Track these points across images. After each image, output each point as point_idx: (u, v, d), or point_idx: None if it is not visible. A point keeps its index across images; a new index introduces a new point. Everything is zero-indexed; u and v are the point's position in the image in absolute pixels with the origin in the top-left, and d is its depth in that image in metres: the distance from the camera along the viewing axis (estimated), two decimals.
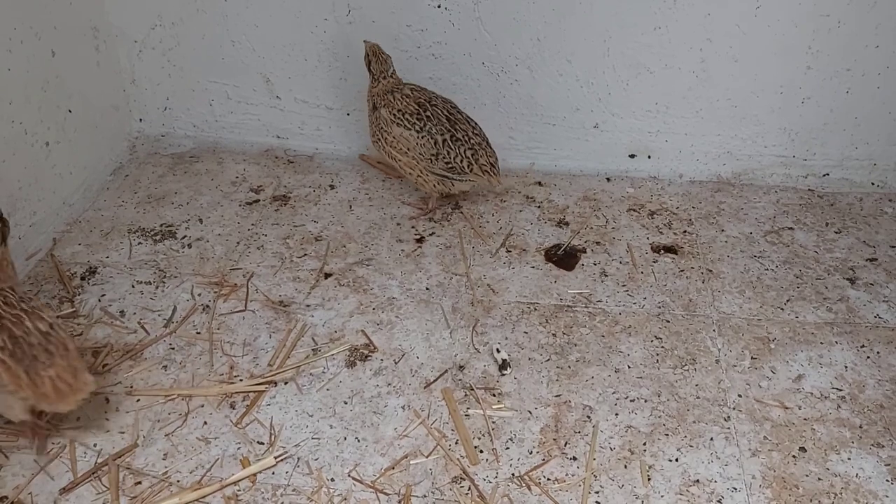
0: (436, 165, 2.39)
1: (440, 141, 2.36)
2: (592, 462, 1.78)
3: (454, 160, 2.38)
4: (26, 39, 2.28)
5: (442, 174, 2.42)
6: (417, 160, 2.40)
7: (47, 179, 2.42)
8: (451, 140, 2.37)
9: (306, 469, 1.76)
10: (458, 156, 2.38)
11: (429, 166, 2.39)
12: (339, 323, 2.16)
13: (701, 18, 2.48)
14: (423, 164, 2.39)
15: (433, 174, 2.42)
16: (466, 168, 2.40)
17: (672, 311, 2.21)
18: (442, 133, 2.37)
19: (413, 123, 2.37)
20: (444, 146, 2.36)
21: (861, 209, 2.63)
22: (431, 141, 2.37)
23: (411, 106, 2.39)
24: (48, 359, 1.66)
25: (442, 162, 2.38)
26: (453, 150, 2.37)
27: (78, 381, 1.69)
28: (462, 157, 2.39)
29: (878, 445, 1.83)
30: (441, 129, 2.37)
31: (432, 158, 2.38)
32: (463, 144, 2.38)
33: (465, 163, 2.40)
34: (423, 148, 2.37)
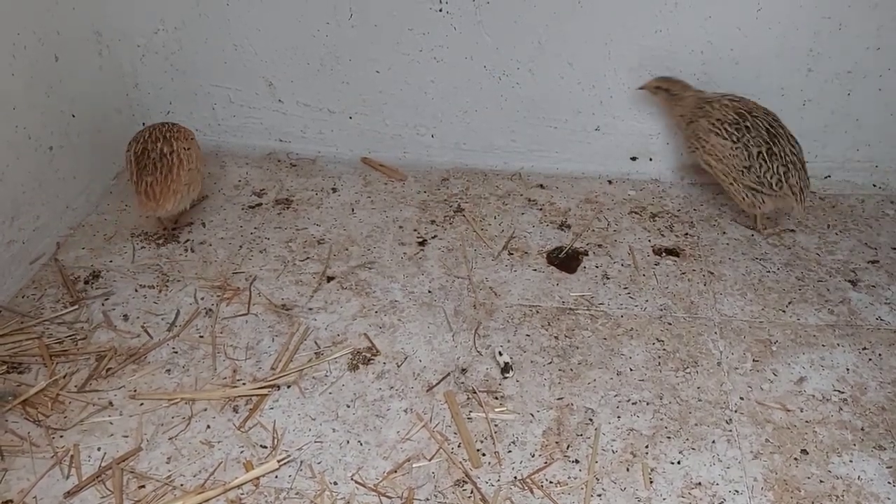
0: (745, 178, 2.36)
1: (755, 154, 2.33)
2: (594, 465, 1.78)
3: (764, 175, 2.33)
4: (29, 44, 2.28)
5: (750, 186, 2.38)
6: (730, 169, 2.38)
7: (51, 184, 2.43)
8: (768, 153, 2.33)
9: (309, 472, 1.77)
10: (770, 171, 2.33)
11: (739, 177, 2.37)
12: (342, 326, 2.16)
13: (702, 21, 2.48)
14: (734, 174, 2.38)
15: (743, 186, 2.39)
16: (775, 186, 2.34)
17: (674, 314, 2.21)
18: (759, 146, 2.33)
19: (730, 134, 2.36)
20: (758, 159, 2.33)
21: (863, 211, 2.63)
22: (745, 154, 2.34)
23: (730, 115, 2.38)
24: (153, 170, 2.25)
25: (751, 176, 2.35)
26: (766, 165, 2.33)
27: (162, 195, 2.26)
28: (773, 172, 2.33)
29: (879, 448, 1.83)
30: (758, 143, 2.33)
31: (745, 171, 2.35)
32: (778, 160, 2.33)
33: (775, 180, 2.34)
34: (735, 159, 2.36)
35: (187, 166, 2.33)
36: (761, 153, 2.32)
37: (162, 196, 2.27)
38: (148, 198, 2.27)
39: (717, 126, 2.39)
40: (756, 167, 2.33)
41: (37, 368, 2.01)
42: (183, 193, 2.33)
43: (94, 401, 1.92)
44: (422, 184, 2.77)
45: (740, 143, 2.34)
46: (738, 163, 2.35)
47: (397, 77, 2.71)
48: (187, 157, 2.34)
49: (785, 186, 2.34)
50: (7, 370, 2.00)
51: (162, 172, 2.28)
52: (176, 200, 2.31)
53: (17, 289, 2.26)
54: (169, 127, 2.38)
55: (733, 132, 2.35)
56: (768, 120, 2.37)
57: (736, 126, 2.36)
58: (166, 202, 2.28)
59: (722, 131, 2.38)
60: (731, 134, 2.36)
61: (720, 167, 2.42)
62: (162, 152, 2.30)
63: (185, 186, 2.33)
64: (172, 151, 2.31)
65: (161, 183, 2.27)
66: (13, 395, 1.92)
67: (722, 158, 2.39)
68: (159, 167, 2.28)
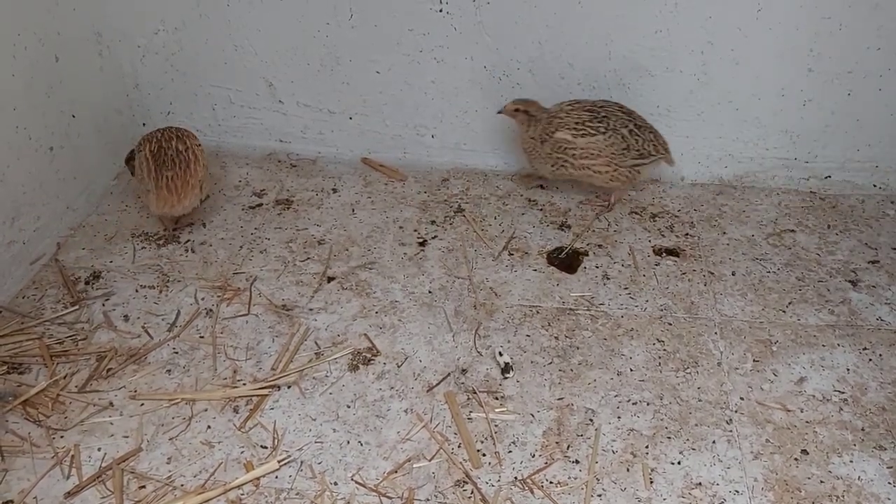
0: (627, 159, 2.47)
1: (627, 133, 2.45)
2: (595, 465, 1.78)
3: (644, 146, 2.47)
4: (30, 45, 2.29)
5: (633, 164, 2.49)
6: (611, 158, 2.46)
7: (51, 184, 2.43)
8: (636, 128, 2.47)
9: (309, 473, 1.77)
10: (646, 141, 2.48)
11: (621, 161, 2.46)
12: (342, 327, 2.16)
13: (702, 21, 2.48)
14: (617, 160, 2.46)
15: (626, 168, 2.48)
16: (654, 151, 2.50)
17: (674, 314, 2.21)
18: (625, 125, 2.45)
19: (595, 127, 2.44)
20: (632, 136, 2.45)
21: (863, 211, 2.63)
22: (619, 136, 2.44)
23: (584, 115, 2.45)
24: (173, 166, 2.32)
25: (633, 152, 2.46)
26: (641, 136, 2.47)
27: (182, 189, 2.33)
28: (648, 140, 2.48)
29: (880, 448, 1.83)
30: (623, 122, 2.46)
31: (624, 152, 2.45)
32: (645, 129, 2.49)
33: (651, 146, 2.49)
34: (613, 146, 2.44)
35: (202, 162, 2.41)
36: (631, 130, 2.45)
37: (183, 190, 2.35)
38: (169, 192, 2.33)
39: (579, 129, 2.44)
40: (633, 143, 2.45)
41: (37, 369, 2.01)
42: (198, 190, 2.39)
43: (94, 401, 1.92)
44: (422, 184, 2.77)
45: (609, 130, 2.43)
46: (616, 149, 2.44)
47: (398, 77, 2.71)
48: (201, 153, 2.42)
49: (660, 148, 2.52)
50: (7, 370, 2.00)
51: (181, 168, 2.35)
52: (194, 196, 2.38)
53: (18, 289, 2.26)
54: (177, 128, 2.45)
55: (598, 125, 2.44)
56: (613, 103, 2.50)
57: (596, 120, 2.44)
58: (186, 197, 2.36)
59: (587, 130, 2.44)
60: (596, 128, 2.44)
61: (600, 163, 2.46)
62: (178, 150, 2.37)
63: (200, 183, 2.39)
64: (188, 148, 2.38)
65: (181, 178, 2.34)
66: (14, 396, 1.92)
67: (599, 154, 2.45)
68: (177, 163, 2.35)
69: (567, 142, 2.45)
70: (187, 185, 2.35)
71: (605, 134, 2.43)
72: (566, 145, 2.46)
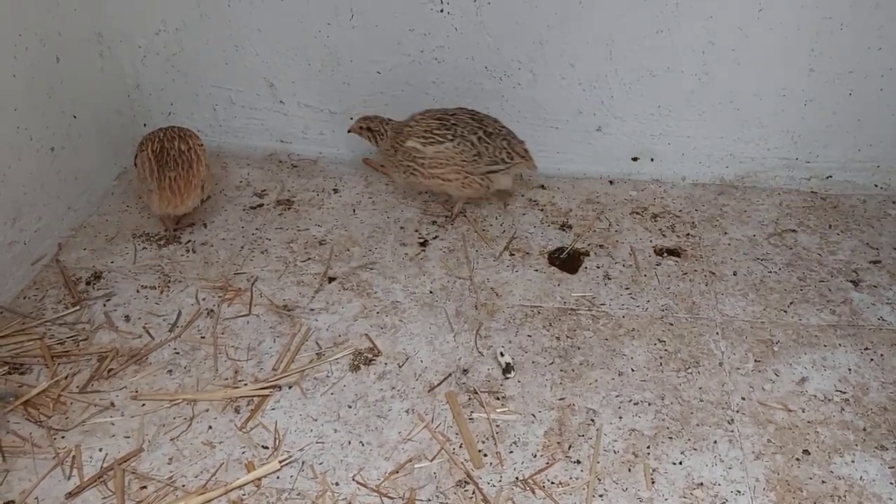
0: (479, 166, 2.44)
1: (476, 140, 2.42)
2: (596, 465, 1.78)
3: (494, 154, 2.44)
4: (31, 46, 2.29)
5: (486, 171, 2.46)
6: (461, 166, 2.43)
7: (52, 185, 2.43)
8: (486, 135, 2.44)
9: (311, 473, 1.77)
10: (497, 148, 2.44)
11: (473, 169, 2.44)
12: (343, 327, 2.16)
13: (703, 21, 2.48)
14: (468, 167, 2.44)
15: (478, 175, 2.46)
16: (507, 158, 2.47)
17: (675, 314, 2.21)
18: (474, 132, 2.43)
19: (443, 135, 2.42)
20: (481, 144, 2.42)
21: (864, 211, 2.63)
22: (468, 143, 2.42)
23: (432, 123, 2.44)
24: (175, 166, 2.33)
25: (485, 159, 2.43)
26: (491, 144, 2.43)
27: (185, 189, 2.33)
28: (500, 148, 2.45)
29: (882, 448, 1.83)
30: (472, 129, 2.43)
31: (475, 160, 2.42)
32: (497, 136, 2.46)
33: (505, 154, 2.46)
34: (463, 154, 2.41)
35: (204, 162, 2.42)
36: (480, 138, 2.43)
37: (186, 190, 2.35)
38: (172, 192, 2.34)
39: (428, 137, 2.43)
40: (483, 150, 2.43)
41: (38, 369, 2.01)
42: (200, 190, 2.40)
43: (95, 401, 1.92)
44: None
45: (457, 137, 2.42)
46: (466, 157, 2.42)
47: (398, 78, 2.71)
48: (203, 153, 2.43)
49: (515, 156, 2.48)
50: (9, 371, 2.00)
51: (183, 168, 2.35)
52: (196, 196, 2.39)
53: (19, 290, 2.26)
54: (179, 128, 2.46)
55: (446, 133, 2.42)
56: (465, 111, 2.49)
57: (444, 128, 2.43)
58: (188, 197, 2.37)
59: (435, 138, 2.42)
60: (444, 136, 2.42)
61: (450, 170, 2.44)
62: (180, 150, 2.37)
63: (202, 183, 2.40)
64: (190, 148, 2.39)
65: (184, 178, 2.35)
66: (15, 396, 1.92)
67: (448, 161, 2.43)
68: (180, 163, 2.36)
69: (416, 150, 2.43)
70: (189, 185, 2.36)
71: (454, 141, 2.41)
72: (416, 154, 2.44)
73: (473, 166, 2.43)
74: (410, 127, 2.46)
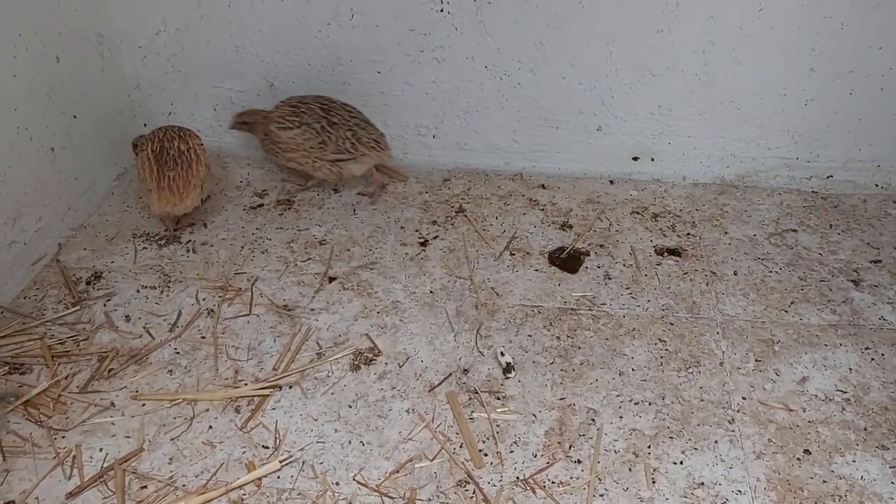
0: (326, 153, 2.56)
1: (319, 129, 2.54)
2: (597, 465, 1.78)
3: (338, 144, 2.55)
4: (31, 46, 2.29)
5: (334, 159, 2.58)
6: (309, 152, 2.57)
7: (52, 185, 2.43)
8: (329, 125, 2.55)
9: (311, 473, 1.77)
10: (340, 138, 2.55)
11: (321, 155, 2.57)
12: (344, 327, 2.16)
13: (704, 21, 2.48)
14: (316, 153, 2.57)
15: (327, 162, 2.58)
16: (351, 148, 2.56)
17: (676, 314, 2.21)
18: (318, 121, 2.55)
19: (292, 121, 2.55)
20: (324, 133, 2.54)
21: (865, 211, 2.63)
22: (313, 131, 2.54)
23: (286, 110, 2.58)
24: (175, 166, 2.34)
25: (331, 147, 2.55)
26: (334, 134, 2.55)
27: (184, 189, 2.34)
28: (344, 138, 2.55)
29: (882, 448, 1.83)
30: (317, 118, 2.55)
31: (321, 146, 2.55)
32: (342, 127, 2.56)
33: (349, 144, 2.56)
34: (309, 141, 2.55)
35: (204, 162, 2.42)
36: (323, 127, 2.54)
37: (185, 190, 2.36)
38: (171, 192, 2.35)
39: (280, 122, 2.57)
40: (327, 139, 2.54)
41: (39, 369, 2.01)
42: (200, 189, 2.41)
43: (95, 401, 1.92)
44: (423, 184, 2.77)
45: (303, 125, 2.55)
46: (312, 143, 2.55)
47: (399, 78, 2.71)
48: (203, 153, 2.44)
49: (360, 147, 2.58)
50: (9, 371, 2.00)
51: (183, 168, 2.36)
52: (196, 195, 2.40)
53: (19, 290, 2.26)
54: (179, 127, 2.47)
55: (294, 120, 2.56)
56: (320, 101, 2.59)
57: (294, 115, 2.57)
58: (188, 196, 2.37)
59: (285, 124, 2.57)
60: (292, 122, 2.56)
61: (300, 154, 2.59)
62: (179, 150, 2.38)
63: (202, 182, 2.41)
64: (189, 148, 2.40)
65: (183, 178, 2.36)
66: (15, 396, 1.92)
67: (297, 147, 2.57)
68: (179, 163, 2.36)
69: (275, 134, 2.59)
70: (189, 184, 2.36)
71: (300, 128, 2.55)
72: (275, 137, 2.59)
73: (321, 153, 2.57)
74: (272, 113, 2.61)
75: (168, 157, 2.36)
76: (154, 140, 2.39)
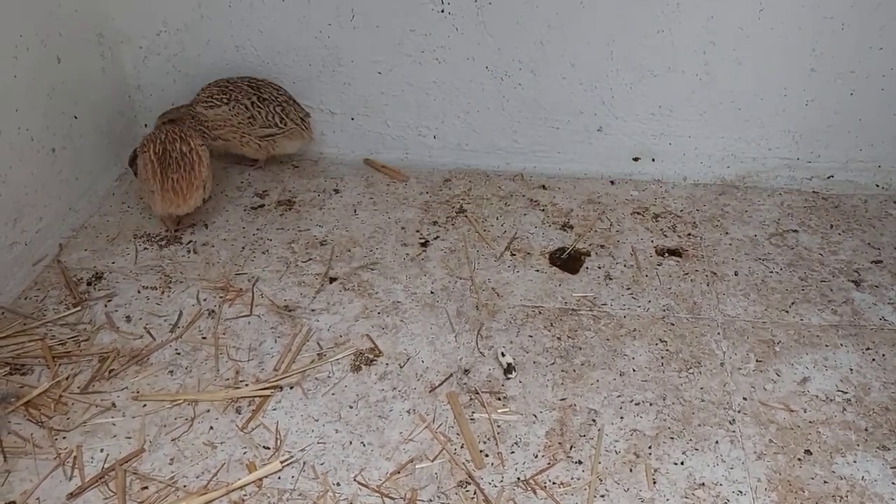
0: (255, 128, 2.65)
1: (249, 104, 2.62)
2: (598, 466, 1.78)
3: (267, 118, 2.64)
4: (32, 46, 2.29)
5: (263, 134, 2.67)
6: (237, 128, 2.65)
7: (53, 185, 2.43)
8: (259, 101, 2.63)
9: (312, 474, 1.77)
10: (270, 113, 2.64)
11: (250, 130, 2.65)
12: (345, 327, 2.16)
13: (704, 21, 2.48)
14: (244, 129, 2.65)
15: (255, 137, 2.67)
16: (280, 123, 2.66)
17: (677, 314, 2.21)
18: (248, 97, 2.62)
19: (220, 99, 2.62)
20: (254, 108, 2.62)
21: (866, 211, 2.63)
22: (242, 107, 2.62)
23: (213, 90, 2.64)
24: (178, 168, 2.36)
25: (259, 122, 2.64)
26: (264, 109, 2.63)
27: (187, 190, 2.38)
28: (273, 113, 2.64)
29: (883, 448, 1.82)
30: (246, 94, 2.63)
31: (250, 122, 2.63)
32: (271, 103, 2.64)
33: (278, 118, 2.65)
34: (238, 116, 2.62)
35: (206, 163, 2.44)
36: (253, 102, 2.63)
37: (187, 191, 2.38)
38: (175, 194, 2.37)
39: (207, 101, 2.63)
40: (257, 114, 2.63)
41: (39, 370, 2.01)
42: (202, 190, 2.43)
43: (96, 402, 1.92)
44: (424, 185, 2.77)
45: (232, 101, 2.62)
46: (241, 119, 2.63)
47: (399, 78, 2.71)
48: (205, 154, 2.46)
49: (289, 122, 2.68)
50: (10, 371, 2.00)
51: (185, 169, 2.38)
52: (198, 196, 2.42)
53: (20, 290, 2.26)
54: (180, 129, 2.48)
55: (221, 97, 2.63)
56: (247, 80, 2.67)
57: (221, 93, 2.63)
58: (191, 198, 2.40)
59: (213, 102, 2.63)
60: (220, 99, 2.63)
61: (227, 131, 2.66)
62: (182, 151, 2.39)
63: (203, 183, 2.43)
64: (191, 150, 2.41)
65: (186, 179, 2.37)
66: (16, 397, 1.93)
67: (224, 123, 2.64)
68: (182, 165, 2.38)
69: (202, 114, 2.63)
70: (191, 186, 2.38)
71: (229, 105, 2.61)
72: (202, 118, 2.63)
73: (249, 128, 2.65)
74: (198, 96, 2.66)
75: (171, 159, 2.37)
76: (156, 142, 2.40)
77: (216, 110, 2.62)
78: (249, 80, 2.67)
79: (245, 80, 2.67)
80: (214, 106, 2.62)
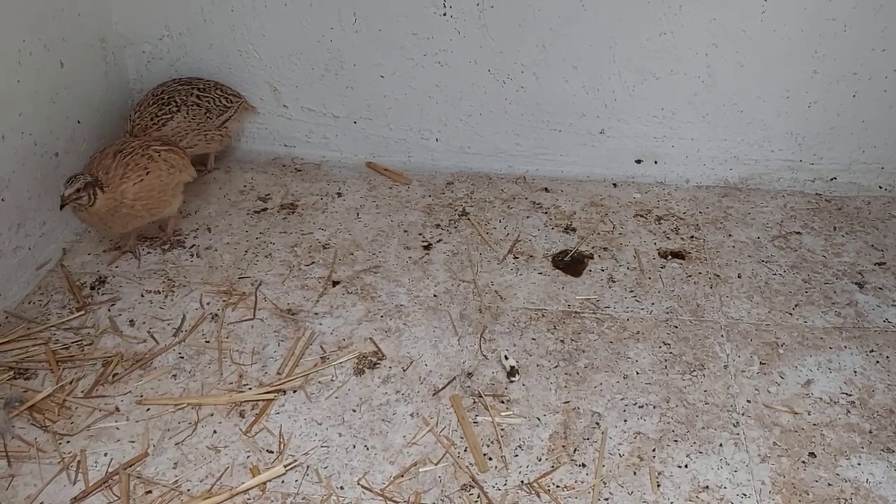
0: (213, 119, 2.64)
1: (197, 100, 2.60)
2: (601, 469, 1.78)
3: (217, 103, 2.64)
4: (35, 51, 2.29)
5: (222, 122, 2.67)
6: (202, 126, 2.61)
7: (57, 190, 2.42)
8: (200, 92, 2.61)
9: (315, 477, 1.77)
10: (216, 98, 2.65)
11: (209, 125, 2.63)
12: (348, 331, 2.16)
13: (706, 23, 2.48)
14: (204, 126, 2.62)
15: (215, 129, 2.66)
16: (227, 102, 2.67)
17: (680, 317, 2.21)
18: (189, 95, 2.59)
19: (167, 111, 2.54)
20: (203, 100, 2.61)
21: (869, 213, 2.62)
22: (193, 105, 2.59)
23: (152, 109, 2.54)
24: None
25: (215, 112, 2.64)
26: (209, 96, 2.62)
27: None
28: (217, 97, 2.65)
29: (887, 450, 1.82)
30: (187, 93, 2.59)
31: (208, 116, 2.61)
32: (209, 90, 2.64)
33: (224, 99, 2.67)
34: (196, 117, 2.59)
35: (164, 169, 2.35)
36: (199, 96, 2.61)
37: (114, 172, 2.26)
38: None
39: (156, 121, 2.52)
40: (208, 104, 2.62)
41: (43, 374, 2.02)
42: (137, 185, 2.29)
43: (100, 406, 1.93)
44: (426, 188, 2.77)
45: (180, 106, 2.56)
46: (199, 117, 2.59)
47: (402, 81, 2.71)
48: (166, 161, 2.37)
49: (232, 98, 2.70)
50: (14, 376, 2.01)
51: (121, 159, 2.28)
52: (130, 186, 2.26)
53: (24, 295, 2.27)
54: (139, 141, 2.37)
55: (166, 108, 2.54)
56: (166, 84, 2.61)
57: (163, 105, 2.54)
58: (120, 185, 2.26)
59: (162, 119, 2.52)
60: (167, 111, 2.54)
61: (192, 135, 2.59)
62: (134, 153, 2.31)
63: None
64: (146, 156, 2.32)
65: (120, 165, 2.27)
66: (20, 401, 1.93)
67: (187, 129, 2.57)
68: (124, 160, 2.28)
69: (162, 136, 2.50)
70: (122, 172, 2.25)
71: (180, 110, 2.55)
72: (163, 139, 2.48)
73: (208, 122, 2.62)
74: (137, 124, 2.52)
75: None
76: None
77: (171, 123, 2.53)
78: (173, 82, 2.62)
79: (166, 85, 2.60)
80: (166, 121, 2.52)
